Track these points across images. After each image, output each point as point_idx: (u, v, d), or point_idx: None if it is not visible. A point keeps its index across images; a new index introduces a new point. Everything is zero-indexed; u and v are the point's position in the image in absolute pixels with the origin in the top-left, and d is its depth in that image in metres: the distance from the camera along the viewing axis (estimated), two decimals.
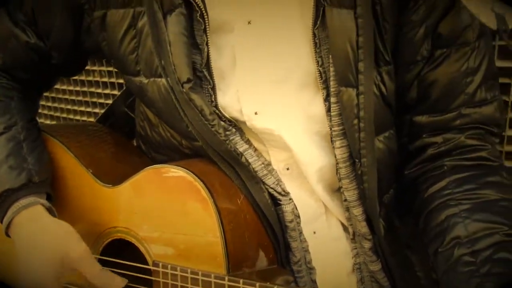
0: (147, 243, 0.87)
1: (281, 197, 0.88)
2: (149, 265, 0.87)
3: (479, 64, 0.83)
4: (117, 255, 0.91)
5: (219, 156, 0.85)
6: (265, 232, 0.87)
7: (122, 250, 0.91)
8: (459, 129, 0.85)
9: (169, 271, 0.84)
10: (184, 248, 0.83)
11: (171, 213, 0.84)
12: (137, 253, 0.89)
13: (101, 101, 1.91)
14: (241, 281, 0.77)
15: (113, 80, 1.83)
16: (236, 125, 0.88)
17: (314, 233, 0.92)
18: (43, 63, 0.99)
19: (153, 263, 0.86)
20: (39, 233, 0.85)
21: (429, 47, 0.82)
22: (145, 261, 0.87)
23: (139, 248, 0.88)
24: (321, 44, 0.80)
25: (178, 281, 0.83)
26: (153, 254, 0.87)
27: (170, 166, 0.85)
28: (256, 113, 0.85)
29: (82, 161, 0.96)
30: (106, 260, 0.92)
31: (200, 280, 0.80)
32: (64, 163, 0.97)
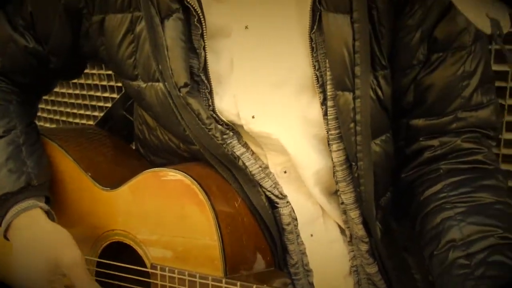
0: (145, 246, 0.87)
1: (278, 200, 0.88)
2: (147, 268, 0.87)
3: (475, 67, 0.83)
4: (116, 257, 0.92)
5: (216, 159, 0.85)
6: (263, 235, 0.87)
7: (120, 252, 0.92)
8: (456, 132, 0.85)
9: (167, 273, 0.84)
10: (182, 251, 0.84)
11: (169, 216, 0.84)
12: (135, 255, 0.89)
13: (100, 104, 1.91)
14: (239, 284, 0.77)
15: (112, 83, 1.84)
16: (233, 128, 0.88)
17: (311, 235, 0.92)
18: (42, 67, 0.99)
19: (151, 266, 0.86)
20: (36, 238, 0.85)
21: (425, 51, 0.82)
22: (143, 263, 0.88)
23: (138, 250, 0.88)
24: (318, 48, 0.81)
25: (176, 284, 0.83)
26: (151, 256, 0.87)
27: (168, 169, 0.85)
28: (253, 117, 0.85)
29: (81, 164, 0.96)
30: (104, 262, 0.92)
31: (197, 282, 0.81)
32: (63, 167, 0.98)
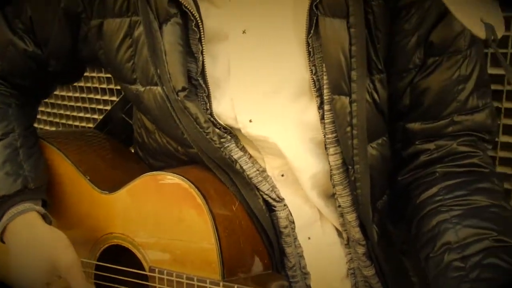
0: (144, 249, 0.88)
1: (275, 203, 0.89)
2: (145, 271, 0.87)
3: (470, 71, 0.83)
4: (114, 260, 0.92)
5: (214, 163, 0.86)
6: (260, 238, 0.87)
7: (119, 256, 0.92)
8: (451, 136, 0.85)
9: (165, 276, 0.84)
10: (180, 254, 0.84)
11: (167, 220, 0.85)
12: (133, 258, 0.89)
13: (100, 107, 1.91)
14: (236, 287, 0.78)
15: (111, 86, 1.83)
16: (231, 132, 0.88)
17: (308, 238, 0.92)
18: (41, 70, 1.00)
19: (150, 269, 0.87)
20: (32, 240, 0.86)
21: (422, 55, 0.83)
22: (141, 266, 0.88)
23: (136, 254, 0.89)
24: (315, 53, 0.81)
25: (174, 287, 0.84)
26: (150, 259, 0.87)
27: (166, 173, 0.86)
28: (250, 121, 0.86)
29: (79, 167, 0.97)
30: (103, 265, 0.93)
31: (195, 285, 0.81)
32: (61, 170, 0.98)
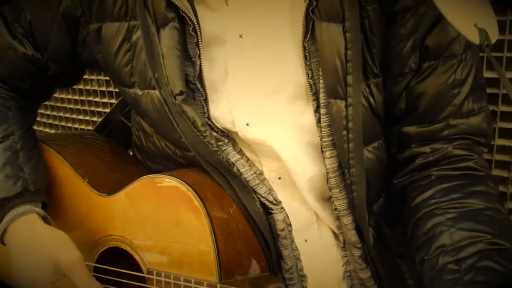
0: (142, 251, 0.88)
1: (272, 206, 0.89)
2: (143, 273, 0.88)
3: (466, 76, 0.84)
4: (112, 263, 0.92)
5: (211, 166, 0.86)
6: (257, 240, 0.87)
7: (117, 258, 0.92)
8: (447, 139, 0.86)
9: (163, 278, 0.85)
10: (177, 256, 0.84)
11: (165, 222, 0.85)
12: (132, 261, 0.89)
13: (99, 109, 1.92)
14: None
15: (111, 89, 1.84)
16: (228, 135, 0.89)
17: (305, 241, 0.93)
18: (41, 74, 1.00)
19: (148, 271, 0.87)
20: (33, 241, 0.86)
21: (417, 59, 0.83)
22: (139, 269, 0.88)
23: (134, 256, 0.89)
24: (311, 57, 0.81)
25: None
26: (148, 262, 0.88)
27: (164, 176, 0.86)
28: (247, 124, 0.86)
29: (78, 170, 0.97)
30: (101, 267, 0.93)
31: (193, 287, 0.82)
32: (60, 173, 0.98)
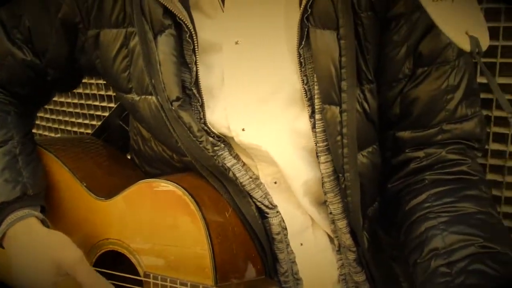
0: (139, 255, 0.89)
1: (268, 210, 0.90)
2: (140, 276, 0.88)
3: (459, 81, 0.85)
4: (110, 266, 0.93)
5: (207, 170, 0.87)
6: (253, 244, 0.88)
7: (114, 261, 0.93)
8: (441, 144, 0.87)
9: (160, 282, 0.86)
10: (174, 259, 0.85)
11: (161, 226, 0.86)
12: (129, 264, 0.90)
13: (98, 113, 1.92)
14: None
15: (110, 93, 1.85)
16: (224, 140, 0.89)
17: (301, 244, 0.94)
18: (39, 79, 1.01)
19: (144, 274, 0.88)
20: (33, 244, 0.86)
21: (411, 65, 0.84)
22: (136, 272, 0.89)
23: (131, 259, 0.90)
24: (306, 63, 0.82)
25: None
26: (144, 265, 0.88)
27: (161, 180, 0.87)
28: (243, 130, 0.87)
29: (76, 174, 0.98)
30: (99, 271, 0.94)
31: None
32: (58, 177, 0.99)
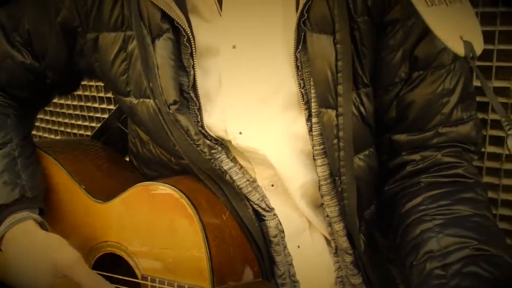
0: (137, 257, 0.89)
1: (265, 213, 0.90)
2: (138, 279, 0.89)
3: (454, 85, 0.85)
4: (108, 268, 0.93)
5: (204, 173, 0.87)
6: (250, 246, 0.89)
7: (112, 264, 0.93)
8: (437, 147, 0.87)
9: (157, 284, 0.86)
10: (171, 262, 0.85)
11: (159, 229, 0.86)
12: (127, 266, 0.91)
13: (98, 115, 1.93)
14: None
15: (109, 95, 1.85)
16: (222, 143, 0.90)
17: (298, 247, 0.94)
18: (39, 82, 1.02)
19: (142, 277, 0.88)
20: (31, 246, 0.87)
21: (407, 69, 0.85)
22: (134, 274, 0.89)
23: (129, 262, 0.90)
24: (303, 67, 0.83)
25: None
26: (142, 268, 0.89)
27: (158, 183, 0.87)
28: (240, 133, 0.87)
29: (75, 177, 0.98)
30: (97, 273, 0.94)
31: None
32: (57, 179, 1.00)
